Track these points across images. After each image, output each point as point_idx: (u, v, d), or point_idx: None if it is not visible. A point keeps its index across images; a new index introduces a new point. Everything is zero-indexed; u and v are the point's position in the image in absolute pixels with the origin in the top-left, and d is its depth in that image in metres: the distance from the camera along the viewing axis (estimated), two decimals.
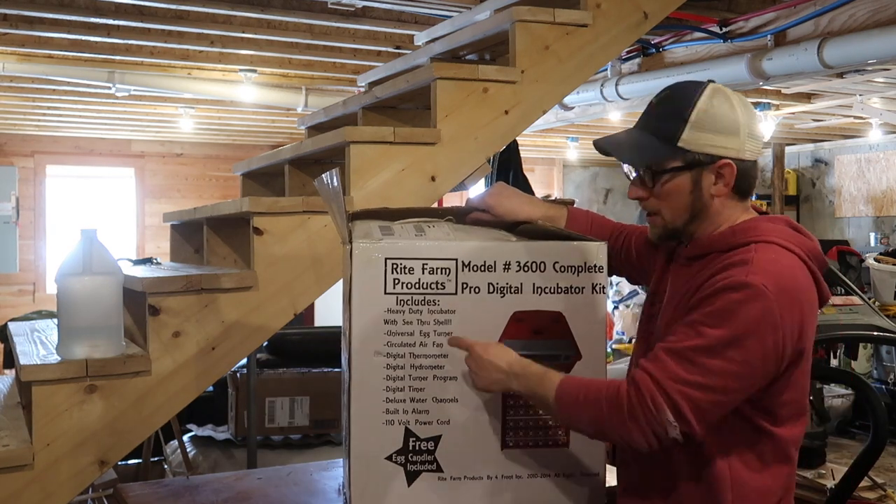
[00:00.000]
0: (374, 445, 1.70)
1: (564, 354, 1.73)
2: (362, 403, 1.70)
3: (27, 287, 8.28)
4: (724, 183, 1.57)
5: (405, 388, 1.70)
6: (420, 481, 1.71)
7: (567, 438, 1.75)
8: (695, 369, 1.42)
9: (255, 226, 2.11)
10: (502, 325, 1.71)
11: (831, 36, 3.33)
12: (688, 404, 1.41)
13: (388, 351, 1.69)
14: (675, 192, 1.57)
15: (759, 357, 1.43)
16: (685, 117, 1.54)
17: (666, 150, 1.56)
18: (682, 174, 1.56)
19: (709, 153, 1.55)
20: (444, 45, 2.86)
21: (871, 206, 9.31)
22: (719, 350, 1.42)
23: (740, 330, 1.42)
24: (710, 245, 1.58)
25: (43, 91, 5.79)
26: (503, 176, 4.82)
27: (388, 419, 1.70)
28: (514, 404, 1.72)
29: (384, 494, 1.70)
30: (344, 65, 5.02)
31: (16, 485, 1.84)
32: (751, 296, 1.42)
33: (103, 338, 1.93)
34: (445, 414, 1.71)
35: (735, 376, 1.43)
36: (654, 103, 1.62)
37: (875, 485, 3.05)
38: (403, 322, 1.70)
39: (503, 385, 1.61)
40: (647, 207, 1.62)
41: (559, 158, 10.59)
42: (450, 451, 1.71)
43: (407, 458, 1.70)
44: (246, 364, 3.76)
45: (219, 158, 8.97)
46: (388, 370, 1.70)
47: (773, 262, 1.48)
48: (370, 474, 1.70)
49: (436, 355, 1.70)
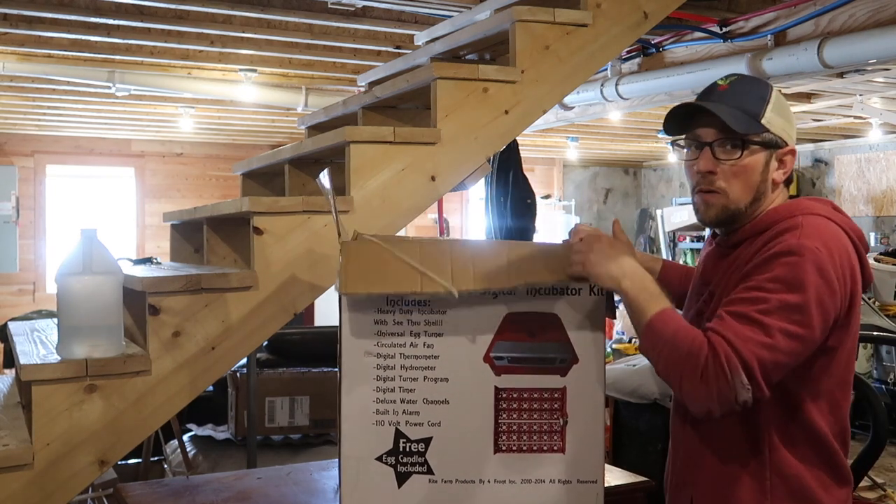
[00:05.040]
0: (365, 446, 1.69)
1: (560, 357, 1.70)
2: (353, 403, 1.69)
3: (27, 287, 8.28)
4: (785, 171, 1.63)
5: (395, 388, 1.69)
6: (410, 483, 1.69)
7: (563, 444, 1.70)
8: (762, 331, 1.43)
9: (255, 225, 2.11)
10: (495, 326, 1.68)
11: (831, 36, 3.33)
12: (759, 366, 1.43)
13: (379, 351, 1.69)
14: (750, 170, 1.59)
15: (820, 318, 1.46)
16: (767, 98, 1.60)
17: (753, 124, 1.58)
18: (760, 152, 1.60)
19: (782, 137, 1.61)
20: (445, 44, 2.86)
21: (871, 206, 9.31)
22: (784, 312, 1.44)
23: (802, 293, 1.44)
24: (751, 229, 1.60)
25: (43, 91, 5.79)
26: (503, 176, 4.82)
27: (378, 419, 1.69)
28: (507, 408, 1.69)
29: (375, 495, 1.69)
30: (344, 65, 5.02)
31: (16, 485, 1.84)
32: (806, 257, 1.46)
33: (103, 337, 1.93)
34: (436, 415, 1.69)
35: (800, 338, 1.45)
36: (728, 85, 1.63)
37: (875, 485, 3.05)
38: (394, 322, 1.69)
39: (615, 279, 1.58)
40: (713, 184, 1.60)
41: (559, 158, 10.59)
42: (441, 454, 1.69)
43: (397, 459, 1.69)
44: (246, 364, 3.76)
45: (219, 158, 8.97)
46: (379, 370, 1.69)
47: (822, 227, 1.52)
48: (361, 475, 1.69)
49: (426, 356, 1.69)
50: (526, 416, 1.69)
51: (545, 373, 1.70)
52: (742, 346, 1.43)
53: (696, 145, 1.64)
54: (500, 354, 1.70)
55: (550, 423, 1.69)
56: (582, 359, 1.69)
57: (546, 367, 1.67)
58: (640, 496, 2.23)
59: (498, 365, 1.70)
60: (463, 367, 1.70)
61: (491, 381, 1.69)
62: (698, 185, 1.63)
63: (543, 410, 1.70)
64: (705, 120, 1.62)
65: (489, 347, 1.70)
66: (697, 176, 1.63)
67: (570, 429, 1.69)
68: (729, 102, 1.60)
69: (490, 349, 1.70)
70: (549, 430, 1.69)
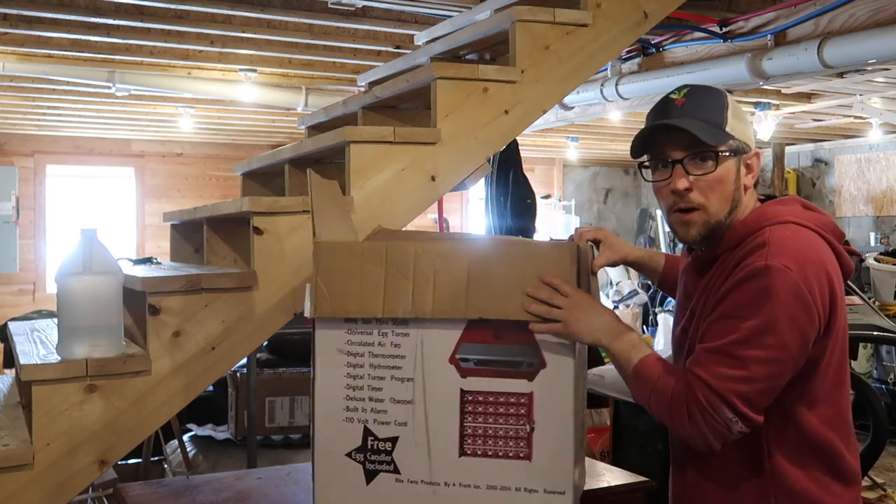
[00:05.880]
0: (336, 441, 1.70)
1: (527, 361, 1.63)
2: (325, 399, 1.71)
3: (27, 286, 8.28)
4: (753, 175, 1.60)
5: (364, 386, 1.69)
6: (378, 481, 1.69)
7: (530, 452, 1.63)
8: (737, 363, 1.44)
9: (255, 225, 2.11)
10: (461, 327, 1.65)
11: (831, 36, 3.33)
12: (739, 400, 1.43)
13: (349, 349, 1.69)
14: (725, 180, 1.56)
15: (796, 335, 1.45)
16: (725, 105, 1.57)
17: (721, 134, 1.56)
18: (730, 160, 1.57)
19: (746, 142, 1.59)
20: (445, 44, 2.86)
21: (871, 206, 9.31)
22: (756, 340, 1.43)
23: (771, 315, 1.43)
24: (725, 245, 1.58)
25: (43, 91, 5.79)
26: (503, 175, 4.82)
27: (348, 416, 1.70)
28: (473, 411, 1.65)
29: (345, 491, 1.70)
30: (344, 64, 5.02)
31: (16, 485, 1.84)
32: (774, 278, 1.44)
33: (103, 337, 1.93)
34: (403, 415, 1.67)
35: (776, 361, 1.45)
36: (684, 98, 1.59)
37: (875, 485, 3.05)
38: (363, 321, 1.69)
39: (595, 337, 1.57)
40: (691, 201, 1.57)
41: (559, 158, 10.59)
42: (407, 454, 1.67)
43: (366, 456, 1.69)
44: (246, 364, 3.76)
45: (219, 158, 8.97)
46: (349, 368, 1.70)
47: (789, 240, 1.49)
48: (332, 470, 1.71)
49: (393, 356, 1.68)
50: (492, 421, 1.64)
51: (512, 377, 1.64)
52: (719, 385, 1.44)
53: (664, 164, 1.59)
54: (466, 356, 1.66)
55: (517, 428, 1.63)
56: (550, 364, 1.62)
57: (512, 370, 1.62)
58: (640, 496, 2.22)
59: (464, 367, 1.66)
60: (429, 367, 1.67)
61: (457, 383, 1.66)
62: (675, 205, 1.59)
63: (510, 415, 1.64)
64: (669, 137, 1.57)
65: (455, 349, 1.66)
66: (672, 196, 1.58)
67: (538, 436, 1.63)
68: (691, 116, 1.56)
69: (456, 350, 1.66)
70: (515, 436, 1.64)
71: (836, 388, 1.57)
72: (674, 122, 1.56)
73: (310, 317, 1.69)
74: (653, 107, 1.65)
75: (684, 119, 1.55)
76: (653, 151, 1.62)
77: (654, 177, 1.62)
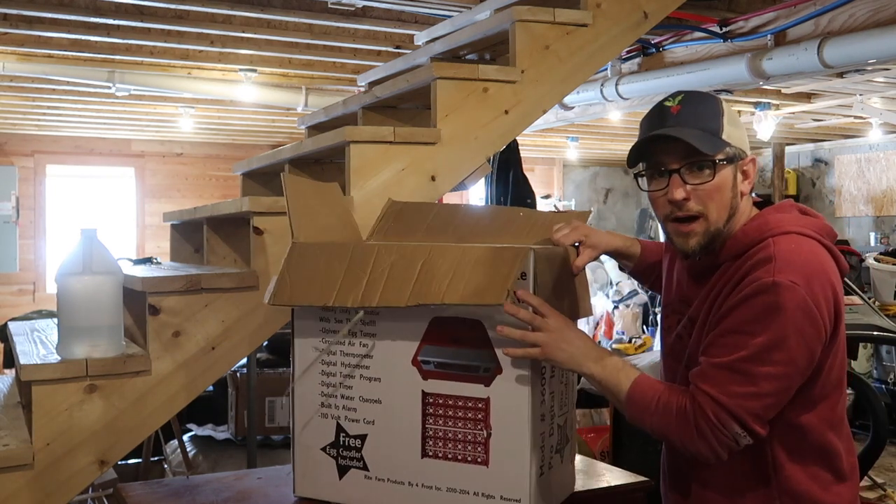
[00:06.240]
0: (312, 435, 1.77)
1: (483, 366, 1.61)
2: (303, 393, 1.77)
3: (27, 287, 8.28)
4: (749, 181, 1.59)
5: (336, 384, 1.74)
6: (349, 476, 1.74)
7: (487, 457, 1.62)
8: (746, 380, 1.44)
9: (255, 225, 2.11)
10: (423, 329, 1.65)
11: (831, 36, 3.33)
12: (749, 416, 1.44)
13: (324, 347, 1.74)
14: (723, 188, 1.55)
15: (803, 350, 1.45)
16: (720, 112, 1.56)
17: (718, 142, 1.54)
18: (727, 167, 1.55)
19: (742, 148, 1.58)
20: (445, 44, 2.86)
21: (871, 206, 9.31)
22: (765, 356, 1.43)
23: (780, 332, 1.43)
24: (725, 253, 1.57)
25: (43, 91, 5.79)
26: (503, 175, 4.82)
27: (323, 412, 1.76)
28: (434, 413, 1.65)
29: (320, 483, 1.77)
30: (344, 64, 5.02)
31: (16, 485, 1.84)
32: (782, 295, 1.43)
33: (103, 337, 1.93)
34: (371, 414, 1.71)
35: (785, 377, 1.45)
36: (679, 105, 1.57)
37: (875, 485, 3.05)
38: (335, 321, 1.73)
39: (576, 363, 1.55)
40: (690, 209, 1.55)
41: (559, 158, 10.59)
42: (375, 452, 1.71)
43: (338, 451, 1.75)
44: (246, 364, 3.76)
45: (219, 158, 8.97)
46: (323, 365, 1.75)
47: (795, 253, 1.48)
48: (309, 462, 1.78)
49: (362, 355, 1.71)
50: (451, 424, 1.64)
51: (469, 381, 1.62)
52: (728, 402, 1.44)
53: (660, 173, 1.58)
54: (427, 358, 1.65)
55: (475, 433, 1.62)
56: (506, 370, 1.59)
57: (470, 374, 1.61)
58: (640, 496, 2.22)
59: (425, 369, 1.66)
60: (394, 368, 1.69)
61: (419, 385, 1.66)
62: (672, 214, 1.57)
63: (468, 419, 1.63)
64: (665, 146, 1.56)
65: (417, 350, 1.66)
66: (669, 205, 1.57)
67: (494, 442, 1.61)
68: (688, 124, 1.54)
69: (418, 352, 1.66)
70: (472, 441, 1.63)
71: (836, 389, 1.58)
72: (671, 131, 1.54)
73: (267, 303, 1.74)
74: (646, 114, 1.63)
75: (681, 128, 1.54)
76: (649, 161, 1.61)
77: (650, 186, 1.61)
